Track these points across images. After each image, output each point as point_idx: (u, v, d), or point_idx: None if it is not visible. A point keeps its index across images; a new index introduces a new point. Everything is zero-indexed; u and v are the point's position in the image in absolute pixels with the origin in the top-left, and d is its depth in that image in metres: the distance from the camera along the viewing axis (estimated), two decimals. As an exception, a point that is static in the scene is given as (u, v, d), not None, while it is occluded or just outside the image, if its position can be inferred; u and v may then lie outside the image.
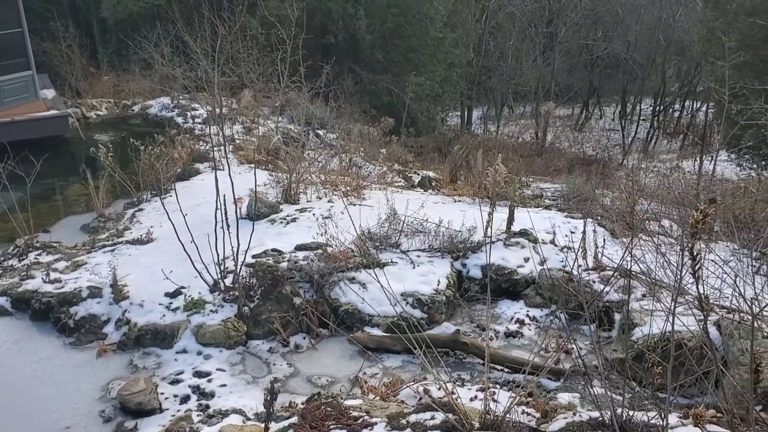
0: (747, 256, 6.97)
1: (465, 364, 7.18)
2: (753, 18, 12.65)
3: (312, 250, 8.59)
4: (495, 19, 28.59)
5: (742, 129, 11.89)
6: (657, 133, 28.48)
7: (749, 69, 14.16)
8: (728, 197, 10.67)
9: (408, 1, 19.65)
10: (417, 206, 9.49)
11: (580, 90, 31.58)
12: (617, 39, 29.63)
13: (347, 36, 19.80)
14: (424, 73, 20.19)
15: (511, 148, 22.11)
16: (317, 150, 12.87)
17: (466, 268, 8.75)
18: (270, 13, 14.78)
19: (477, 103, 30.25)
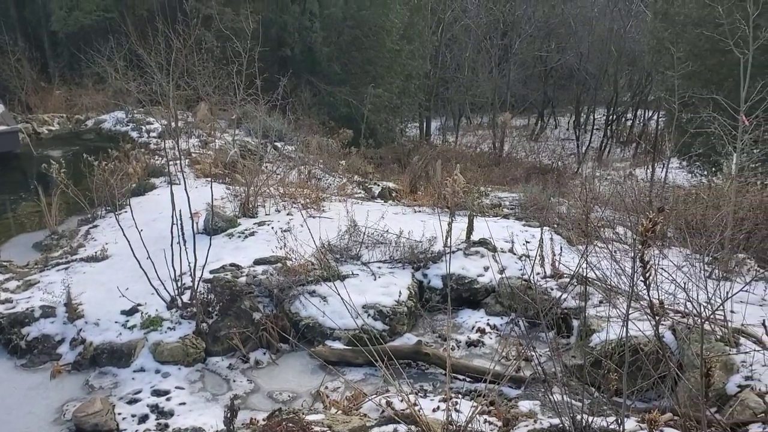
0: (699, 261, 7.12)
1: (427, 374, 7.17)
2: (700, 29, 13.01)
3: (271, 264, 8.50)
4: (451, 32, 28.93)
5: (692, 137, 12.21)
6: (610, 141, 29.09)
7: (698, 78, 14.58)
8: (680, 204, 10.93)
9: (364, 14, 19.73)
10: (377, 217, 9.49)
11: (535, 100, 32.11)
12: (570, 50, 30.27)
13: (304, 48, 19.78)
14: (382, 85, 20.28)
15: (470, 158, 22.35)
16: (275, 162, 12.79)
17: (427, 278, 8.77)
18: (225, 27, 14.69)
19: (435, 114, 30.51)
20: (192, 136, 14.94)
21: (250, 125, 14.25)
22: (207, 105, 16.29)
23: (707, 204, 9.55)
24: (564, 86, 32.60)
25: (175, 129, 10.04)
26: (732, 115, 8.75)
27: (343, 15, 19.50)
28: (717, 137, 8.82)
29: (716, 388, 5.68)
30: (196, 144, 14.59)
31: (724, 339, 6.07)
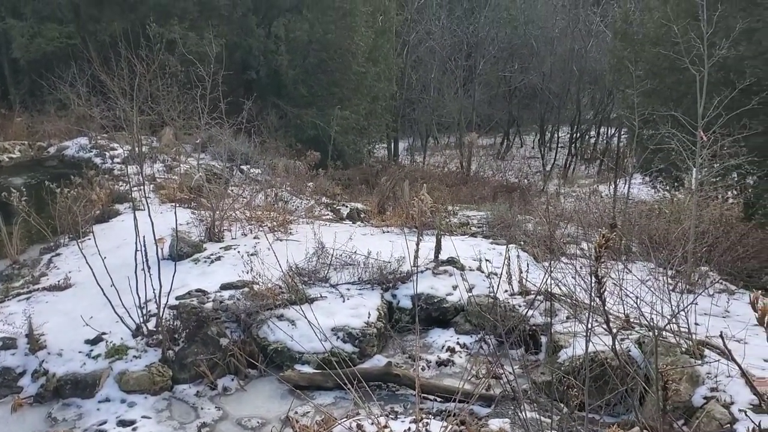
0: (663, 275, 7.23)
1: (398, 396, 7.13)
2: (658, 48, 13.31)
3: (238, 289, 8.42)
4: (416, 53, 29.24)
5: (653, 153, 12.45)
6: (575, 159, 29.52)
7: (657, 95, 14.88)
8: (644, 218, 11.11)
9: (329, 38, 19.84)
10: (345, 239, 9.46)
11: (500, 120, 32.51)
12: (533, 70, 30.76)
13: (269, 71, 19.79)
14: (349, 107, 20.35)
15: (438, 177, 22.47)
16: (241, 186, 12.71)
17: (396, 298, 8.76)
18: (189, 51, 14.63)
19: (403, 134, 30.69)
20: (157, 161, 14.79)
21: (215, 149, 14.17)
22: (172, 129, 16.17)
23: (669, 218, 9.72)
24: (528, 105, 33.07)
25: (140, 154, 9.92)
26: (691, 131, 8.96)
27: (309, 38, 19.59)
28: (677, 153, 9.00)
29: (683, 400, 5.74)
30: (161, 169, 14.44)
31: (689, 351, 6.15)
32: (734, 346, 5.58)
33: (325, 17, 19.83)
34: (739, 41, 13.07)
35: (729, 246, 9.32)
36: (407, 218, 11.58)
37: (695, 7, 9.66)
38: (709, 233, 8.82)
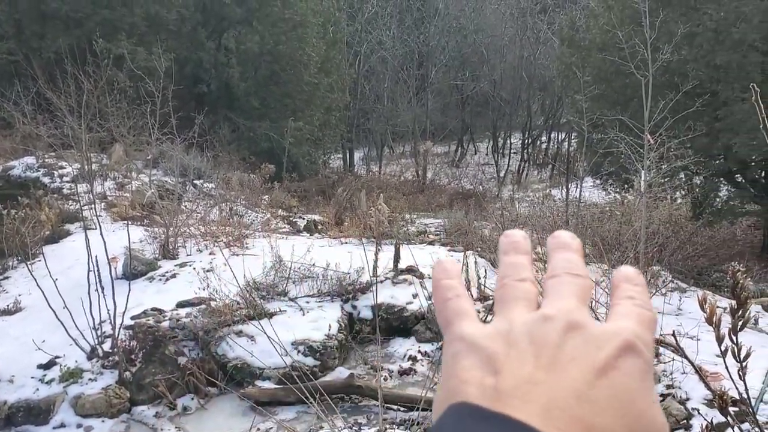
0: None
1: (361, 407, 7.11)
2: (604, 53, 13.63)
3: (195, 306, 8.29)
4: (368, 64, 29.33)
5: (602, 156, 12.73)
6: (528, 164, 29.96)
7: (605, 100, 15.23)
8: (596, 221, 11.34)
9: (280, 49, 19.75)
10: (303, 251, 9.41)
11: (454, 128, 32.79)
12: (484, 78, 31.16)
13: (221, 84, 19.60)
14: (302, 118, 20.27)
15: (395, 186, 22.57)
16: (195, 201, 12.54)
17: (356, 309, 8.75)
18: (138, 66, 14.39)
19: (358, 144, 30.72)
20: (107, 178, 14.47)
21: (167, 165, 13.96)
22: (122, 146, 15.86)
23: (621, 220, 9.93)
24: (481, 113, 33.44)
25: (89, 172, 9.71)
26: (638, 134, 9.19)
27: (260, 50, 19.46)
28: (625, 156, 9.22)
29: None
30: (112, 187, 14.14)
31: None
32: (688, 343, 5.71)
33: (276, 29, 19.75)
34: (681, 45, 13.50)
35: (679, 245, 9.57)
36: (365, 228, 11.57)
37: (638, 13, 9.94)
38: (659, 233, 9.03)
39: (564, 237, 0.55)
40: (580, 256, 0.53)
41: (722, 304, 8.84)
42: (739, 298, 1.37)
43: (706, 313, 1.39)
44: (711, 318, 1.38)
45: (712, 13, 13.45)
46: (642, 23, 9.79)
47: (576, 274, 0.51)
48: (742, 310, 1.35)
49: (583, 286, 0.50)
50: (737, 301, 1.37)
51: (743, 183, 14.47)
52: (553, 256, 0.53)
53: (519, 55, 29.65)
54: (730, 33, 12.83)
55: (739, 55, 12.71)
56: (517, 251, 0.54)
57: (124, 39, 16.60)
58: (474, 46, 31.17)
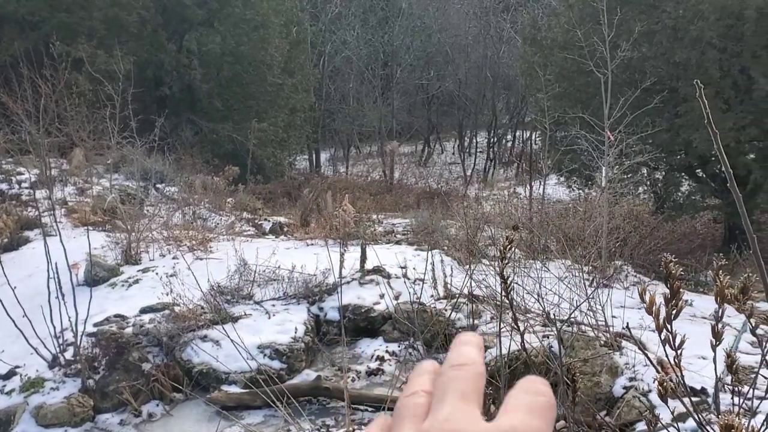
0: (580, 271, 7.46)
1: (329, 409, 7.08)
2: (566, 52, 13.78)
3: (158, 312, 8.18)
4: (333, 64, 29.27)
5: (564, 154, 12.88)
6: (494, 163, 30.19)
7: (567, 98, 15.41)
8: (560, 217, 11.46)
9: (243, 50, 19.59)
10: (268, 254, 9.33)
11: (420, 127, 32.91)
12: (449, 77, 31.32)
13: (183, 87, 19.36)
14: (267, 119, 20.12)
15: (362, 187, 22.52)
16: (158, 205, 12.37)
17: (323, 311, 8.71)
18: (97, 69, 14.15)
19: (324, 145, 30.63)
20: (67, 184, 14.20)
21: (128, 169, 13.76)
22: (82, 151, 15.57)
23: (583, 216, 10.05)
24: (446, 112, 33.60)
25: (48, 178, 9.50)
26: (599, 132, 9.32)
27: (222, 51, 19.28)
28: (587, 153, 9.33)
29: (604, 391, 5.93)
30: (73, 192, 13.87)
31: (607, 344, 6.35)
32: (651, 335, 5.80)
33: (237, 29, 19.58)
34: (641, 43, 13.73)
35: (640, 240, 9.72)
36: (331, 230, 11.53)
37: (598, 11, 10.06)
38: (621, 228, 9.16)
39: (464, 336, 0.57)
40: (475, 347, 0.55)
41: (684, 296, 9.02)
42: (672, 288, 1.39)
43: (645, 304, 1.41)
44: (650, 308, 1.40)
45: (671, 10, 13.70)
46: (601, 22, 9.93)
47: (460, 365, 0.52)
48: (676, 299, 1.37)
49: (467, 378, 0.51)
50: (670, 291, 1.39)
51: (704, 178, 14.76)
52: (448, 353, 0.55)
53: (483, 54, 29.86)
54: (688, 30, 13.08)
55: (698, 52, 12.96)
56: (419, 374, 0.56)
57: (83, 42, 16.29)
58: (438, 45, 31.31)
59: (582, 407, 5.59)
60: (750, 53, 12.66)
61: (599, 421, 5.32)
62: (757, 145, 13.40)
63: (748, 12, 12.21)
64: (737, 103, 13.17)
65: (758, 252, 2.09)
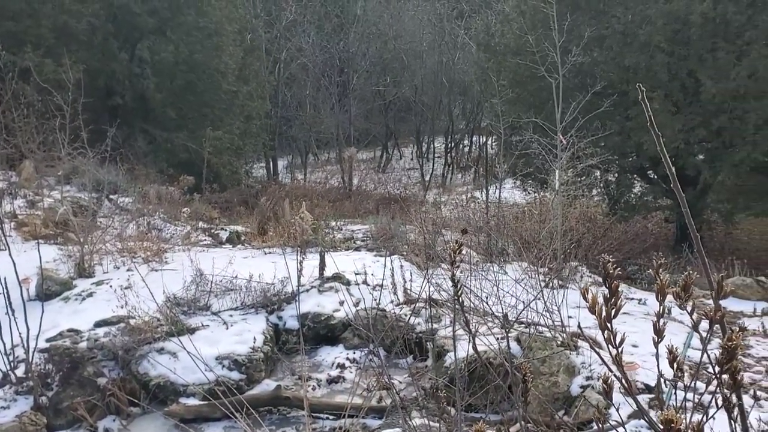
0: (536, 273, 7.55)
1: (290, 419, 7.03)
2: (518, 58, 13.96)
3: (114, 325, 8.01)
4: (288, 71, 29.15)
5: (519, 158, 13.04)
6: (451, 168, 30.43)
7: (522, 103, 15.62)
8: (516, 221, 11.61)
9: (196, 58, 19.36)
10: (225, 263, 9.23)
11: (378, 133, 32.99)
12: (406, 84, 31.48)
13: (136, 96, 19.03)
14: (222, 127, 19.91)
15: (320, 194, 22.46)
16: (111, 217, 12.13)
17: (282, 320, 8.66)
18: (46, 79, 13.82)
19: (281, 152, 30.47)
20: (17, 196, 13.82)
21: (80, 180, 13.46)
22: (32, 163, 15.17)
23: (539, 219, 10.19)
24: (404, 118, 33.77)
25: (-4, 191, 9.25)
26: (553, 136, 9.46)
27: (175, 59, 19.02)
28: (539, 156, 9.47)
29: (562, 390, 6.01)
30: (23, 205, 13.51)
31: (564, 344, 6.45)
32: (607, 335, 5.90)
33: (191, 38, 19.35)
34: (591, 48, 14.00)
35: (594, 241, 9.90)
36: (289, 237, 11.46)
37: (549, 17, 10.23)
38: (575, 230, 9.32)
39: None
40: None
41: (636, 295, 9.22)
42: (611, 287, 1.42)
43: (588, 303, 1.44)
44: (593, 307, 1.43)
45: (620, 16, 14.02)
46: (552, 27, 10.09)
47: None
48: (615, 299, 1.40)
49: None
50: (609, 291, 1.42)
51: (655, 179, 15.12)
52: None
53: (438, 61, 30.11)
54: (637, 35, 13.40)
55: (647, 56, 13.28)
56: None
57: (30, 51, 15.90)
58: (394, 51, 31.46)
59: (540, 407, 5.66)
60: (696, 57, 13.02)
61: (557, 421, 5.39)
62: (706, 146, 13.77)
63: (693, 17, 12.57)
64: (686, 106, 13.54)
65: (702, 250, 2.15)
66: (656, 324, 1.47)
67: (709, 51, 12.89)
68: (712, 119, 12.86)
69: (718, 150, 13.36)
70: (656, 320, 1.47)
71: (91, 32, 18.24)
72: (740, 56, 12.57)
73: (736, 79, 12.30)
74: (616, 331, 1.44)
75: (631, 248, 11.26)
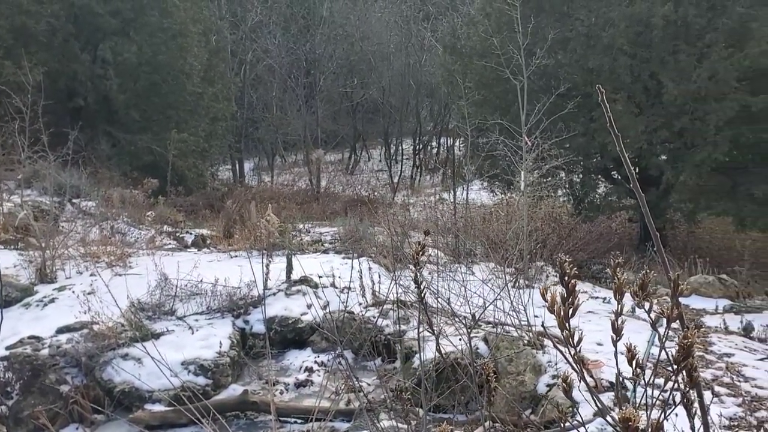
0: (503, 273, 7.61)
1: (257, 423, 6.96)
2: (484, 60, 14.07)
3: (76, 331, 7.84)
4: (254, 72, 28.96)
5: (485, 159, 13.14)
6: (420, 169, 30.53)
7: (488, 105, 15.75)
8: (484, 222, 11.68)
9: (160, 59, 19.11)
10: (190, 267, 9.12)
11: (346, 135, 32.92)
12: (373, 85, 31.48)
13: (98, 97, 18.70)
14: (187, 129, 19.68)
15: (287, 196, 22.35)
16: (74, 221, 11.90)
17: (249, 324, 8.57)
18: (4, 81, 13.53)
19: (248, 154, 30.24)
20: (-25, 201, 13.49)
21: (41, 184, 13.19)
22: (-9, 166, 14.83)
23: (505, 220, 10.28)
24: (372, 120, 33.76)
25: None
26: (519, 137, 9.55)
27: (138, 61, 18.74)
28: (505, 158, 9.55)
29: (528, 389, 6.06)
30: (-19, 210, 13.19)
31: (530, 343, 6.50)
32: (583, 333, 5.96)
33: (155, 39, 19.10)
34: (556, 50, 14.17)
35: (559, 241, 10.00)
36: (255, 241, 11.37)
37: (514, 19, 10.32)
38: (540, 230, 9.41)
39: None
40: None
41: (601, 294, 9.34)
42: (567, 286, 1.43)
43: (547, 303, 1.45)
44: (552, 307, 1.43)
45: (583, 18, 14.22)
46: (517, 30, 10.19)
47: None
48: (572, 298, 1.41)
49: None
50: (566, 290, 1.43)
51: (619, 179, 15.36)
52: None
53: (405, 63, 30.18)
54: (600, 38, 13.60)
55: (610, 59, 13.49)
56: None
57: (-13, 52, 15.58)
58: (361, 53, 31.45)
59: (508, 406, 5.70)
60: (658, 59, 13.27)
61: (524, 420, 5.43)
62: (668, 147, 14.03)
63: (655, 20, 12.80)
64: (648, 107, 13.78)
65: (662, 249, 2.19)
66: (614, 323, 1.48)
67: (670, 53, 13.15)
68: (673, 120, 13.11)
69: (680, 151, 13.62)
70: (615, 319, 1.48)
71: (51, 33, 17.90)
72: (701, 58, 12.85)
73: (696, 81, 12.56)
74: (573, 330, 1.45)
75: (596, 248, 11.41)
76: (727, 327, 8.05)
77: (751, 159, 14.07)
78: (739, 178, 13.79)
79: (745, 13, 12.48)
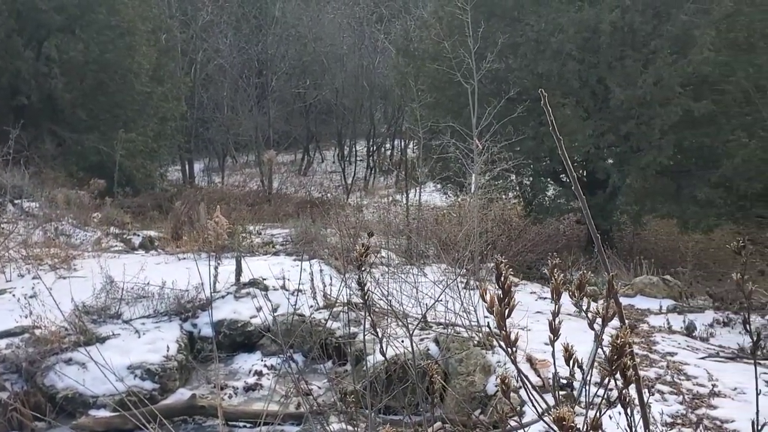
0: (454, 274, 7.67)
1: (205, 428, 6.86)
2: (436, 63, 14.16)
3: (17, 336, 7.60)
4: (205, 72, 28.56)
5: (438, 161, 13.25)
6: (373, 171, 30.55)
7: (441, 108, 15.84)
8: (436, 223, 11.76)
9: (108, 58, 18.66)
10: (137, 270, 8.93)
11: (299, 136, 32.71)
12: (326, 86, 31.37)
13: (42, 96, 18.15)
14: (135, 129, 19.26)
15: (238, 197, 22.08)
16: (15, 222, 11.53)
17: (197, 327, 8.46)
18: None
19: (198, 155, 29.79)
20: None
21: (-20, 184, 12.76)
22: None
23: (457, 221, 10.37)
24: (325, 121, 33.64)
25: None
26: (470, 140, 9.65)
27: (85, 59, 18.26)
28: (456, 160, 9.64)
29: (478, 390, 6.12)
30: None
31: (480, 343, 6.56)
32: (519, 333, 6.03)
33: (102, 36, 18.64)
34: (506, 55, 14.36)
35: (509, 242, 10.14)
36: (204, 242, 11.20)
37: (465, 23, 10.42)
38: (491, 232, 9.52)
39: None
40: None
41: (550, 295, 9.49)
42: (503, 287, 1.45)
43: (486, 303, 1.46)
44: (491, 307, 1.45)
45: (533, 24, 14.43)
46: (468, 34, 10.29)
47: None
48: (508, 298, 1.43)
49: None
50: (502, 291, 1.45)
51: (567, 182, 15.64)
52: None
53: (359, 64, 30.17)
54: (549, 43, 13.83)
55: (559, 64, 13.73)
56: None
57: None
58: (314, 54, 31.29)
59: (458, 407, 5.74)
60: (606, 64, 13.58)
61: (474, 420, 5.49)
62: (615, 151, 14.35)
63: (602, 26, 13.09)
64: (596, 112, 14.08)
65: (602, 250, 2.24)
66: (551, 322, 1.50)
67: (617, 59, 13.46)
68: (620, 125, 13.42)
69: (626, 154, 13.96)
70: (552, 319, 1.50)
71: (-8, 29, 17.33)
72: (646, 64, 13.20)
73: (642, 86, 12.90)
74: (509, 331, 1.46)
75: (545, 249, 11.60)
76: (670, 326, 8.27)
77: (694, 162, 14.51)
78: (683, 181, 14.21)
79: (689, 20, 12.86)
